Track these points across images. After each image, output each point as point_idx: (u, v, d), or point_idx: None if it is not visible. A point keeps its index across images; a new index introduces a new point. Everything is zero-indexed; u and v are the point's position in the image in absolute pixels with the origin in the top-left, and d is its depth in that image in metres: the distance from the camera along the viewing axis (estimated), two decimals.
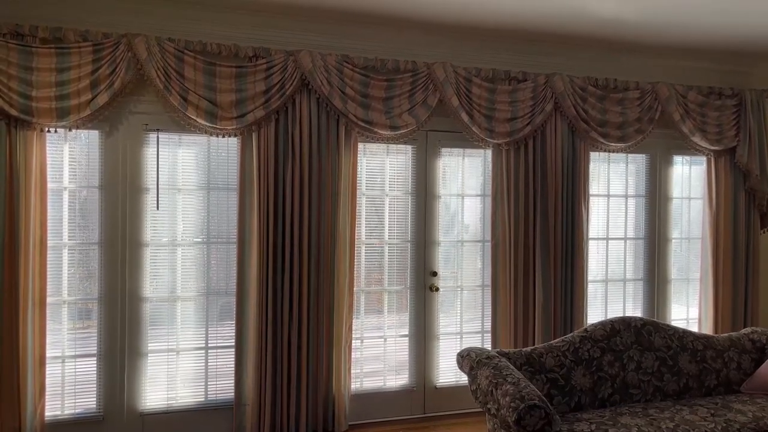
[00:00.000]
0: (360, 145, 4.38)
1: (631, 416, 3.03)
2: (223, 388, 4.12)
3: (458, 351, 3.37)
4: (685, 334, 3.62)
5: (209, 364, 4.11)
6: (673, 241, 5.30)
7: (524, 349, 3.34)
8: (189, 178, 4.06)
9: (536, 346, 3.60)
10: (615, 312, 5.12)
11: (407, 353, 4.57)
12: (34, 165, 3.64)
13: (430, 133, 4.57)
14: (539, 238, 4.65)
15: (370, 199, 4.47)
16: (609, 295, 5.13)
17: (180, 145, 4.05)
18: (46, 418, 3.74)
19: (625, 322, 3.53)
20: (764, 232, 5.35)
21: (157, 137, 3.97)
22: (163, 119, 3.93)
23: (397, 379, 4.54)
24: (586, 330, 3.48)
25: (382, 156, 4.51)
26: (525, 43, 4.64)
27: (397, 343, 4.55)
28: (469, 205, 4.75)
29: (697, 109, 5.06)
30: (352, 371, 4.36)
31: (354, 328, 4.37)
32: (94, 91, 3.69)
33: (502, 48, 4.61)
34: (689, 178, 5.40)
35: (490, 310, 4.65)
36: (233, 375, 4.08)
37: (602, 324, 3.51)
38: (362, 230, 4.43)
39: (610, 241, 5.13)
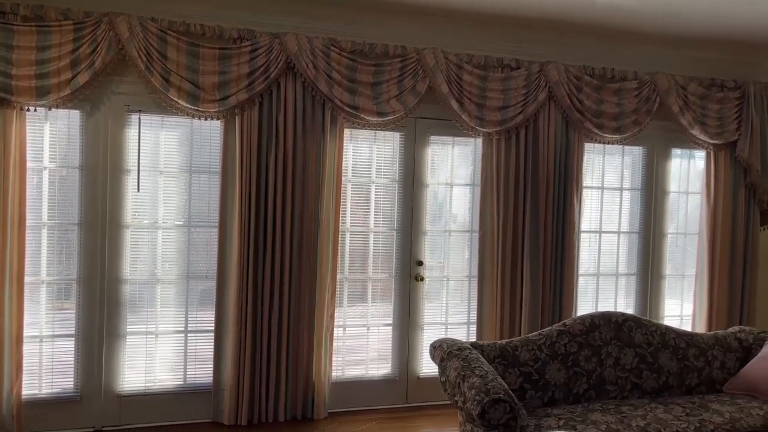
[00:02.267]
0: (347, 131, 4.32)
1: (603, 413, 2.96)
2: (202, 372, 4.10)
3: (431, 342, 3.31)
4: (667, 331, 3.53)
5: (188, 347, 4.10)
6: (669, 236, 5.19)
7: (499, 342, 3.28)
8: (171, 161, 4.03)
9: (512, 339, 3.54)
10: (606, 307, 5.02)
11: (390, 342, 4.53)
12: (13, 143, 3.62)
13: (419, 121, 4.50)
14: (528, 229, 4.57)
15: (356, 186, 4.41)
16: (601, 290, 5.04)
17: (162, 127, 4.01)
18: (23, 397, 3.75)
19: (605, 317, 3.45)
20: (764, 229, 5.22)
21: (139, 118, 3.93)
22: (145, 100, 3.89)
23: (380, 368, 4.50)
24: (564, 324, 3.41)
25: (370, 142, 4.44)
26: (520, 30, 4.53)
27: (381, 332, 4.51)
28: (458, 194, 4.67)
29: (697, 101, 4.92)
30: (334, 359, 4.33)
31: (336, 316, 4.33)
32: (75, 70, 3.65)
33: (496, 35, 4.51)
34: (688, 171, 5.28)
35: (476, 301, 4.59)
36: (212, 359, 4.07)
37: (582, 318, 3.44)
38: (347, 217, 4.38)
39: (603, 235, 5.03)
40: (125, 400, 3.97)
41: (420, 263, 4.55)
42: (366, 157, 4.43)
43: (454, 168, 4.65)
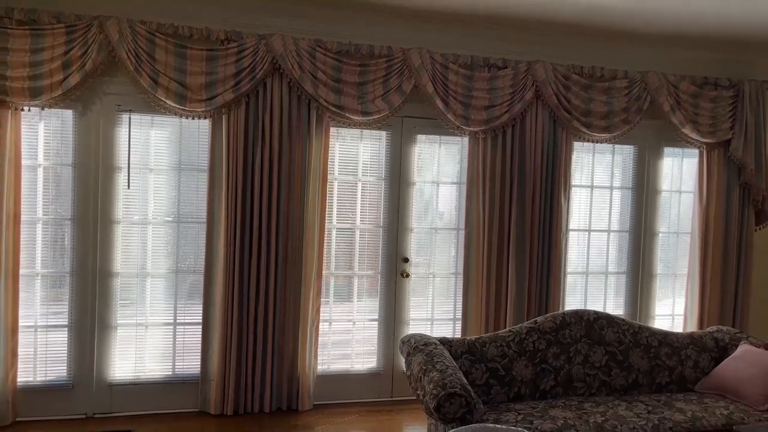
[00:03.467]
0: (333, 130, 4.41)
1: (564, 409, 3.01)
2: (190, 363, 4.24)
3: (401, 337, 3.38)
4: (640, 329, 3.56)
5: (177, 339, 4.24)
6: (661, 235, 5.18)
7: (468, 338, 3.35)
8: (161, 159, 4.16)
9: (482, 335, 3.60)
10: (595, 305, 5.04)
11: (376, 337, 4.61)
12: (8, 142, 3.79)
13: (405, 119, 4.56)
14: (515, 227, 4.61)
15: (342, 184, 4.50)
16: (590, 288, 5.06)
17: (152, 126, 4.14)
18: (18, 384, 3.92)
19: (577, 315, 3.49)
20: (759, 229, 5.18)
21: (129, 118, 4.07)
22: (135, 100, 4.03)
23: (365, 363, 4.59)
24: (535, 321, 3.46)
25: (356, 141, 4.52)
26: (507, 30, 4.56)
27: (366, 327, 4.60)
28: (445, 192, 4.74)
29: (689, 99, 4.90)
30: (320, 353, 4.43)
31: (322, 310, 4.43)
32: (66, 72, 3.80)
33: (483, 35, 4.55)
34: (680, 170, 5.26)
35: (462, 298, 4.65)
36: (200, 351, 4.20)
37: (553, 316, 3.48)
38: (333, 214, 4.47)
39: (592, 233, 5.05)
40: (116, 389, 4.12)
41: (406, 260, 4.62)
42: (352, 155, 4.52)
43: (440, 166, 4.71)
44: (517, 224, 4.62)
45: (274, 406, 4.29)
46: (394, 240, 4.60)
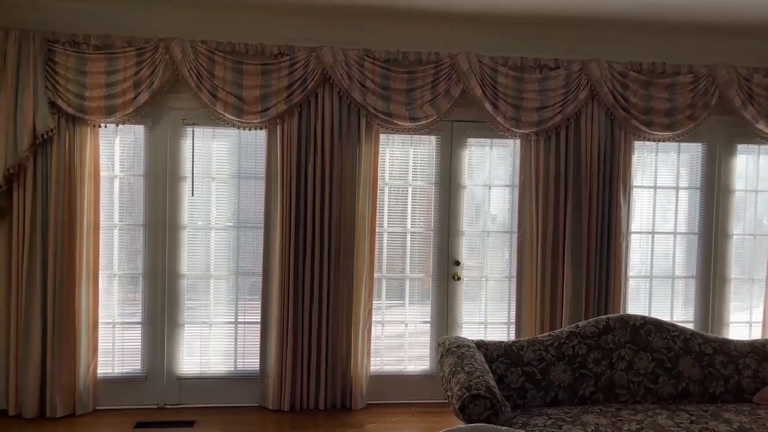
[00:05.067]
0: (383, 136, 4.53)
1: (599, 415, 2.94)
2: (250, 360, 4.49)
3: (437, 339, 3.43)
4: (693, 336, 3.40)
5: (238, 337, 4.50)
6: (735, 237, 4.88)
7: (506, 341, 3.34)
8: (222, 168, 4.46)
9: (519, 338, 3.57)
10: (661, 311, 4.82)
11: (429, 340, 4.67)
12: (88, 156, 4.20)
13: (455, 124, 4.60)
14: (570, 230, 4.53)
15: (393, 189, 4.61)
16: (655, 293, 4.85)
17: (214, 138, 4.44)
18: (98, 375, 4.33)
19: (622, 320, 3.39)
20: None
21: (193, 131, 4.39)
22: (198, 114, 4.33)
23: (418, 365, 4.67)
24: (577, 326, 3.40)
25: (406, 146, 4.62)
26: (559, 29, 4.50)
27: (418, 329, 4.67)
28: (497, 195, 4.73)
29: (763, 93, 4.61)
30: (372, 354, 4.55)
31: (375, 312, 4.55)
32: (137, 91, 4.16)
33: (533, 35, 4.51)
34: (757, 168, 4.93)
35: (515, 301, 4.61)
36: (258, 349, 4.44)
37: (596, 321, 3.40)
38: (384, 219, 4.59)
39: (656, 236, 4.84)
40: (184, 382, 4.44)
41: (457, 263, 4.65)
42: (403, 160, 4.62)
43: (492, 169, 4.71)
44: (573, 227, 4.53)
45: (329, 404, 4.45)
46: (445, 243, 4.64)
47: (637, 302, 4.83)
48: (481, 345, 3.30)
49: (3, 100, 4.00)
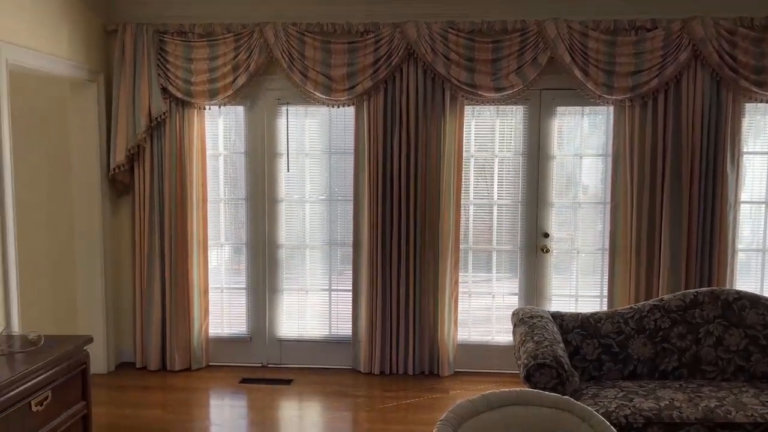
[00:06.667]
0: (468, 108, 4.54)
1: (676, 390, 2.83)
2: (343, 325, 4.75)
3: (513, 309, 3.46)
4: None
5: (332, 304, 4.78)
6: None
7: (583, 313, 3.30)
8: (314, 144, 4.70)
9: (598, 310, 3.49)
10: None
11: None
12: (195, 136, 4.60)
13: (544, 92, 4.50)
14: (668, 200, 4.31)
15: (478, 161, 4.62)
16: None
17: (306, 116, 4.69)
18: (209, 335, 4.80)
19: (712, 295, 3.20)
20: None
21: (287, 110, 4.66)
22: (291, 94, 4.58)
23: (506, 336, 4.68)
24: (661, 299, 3.27)
25: (492, 117, 4.59)
26: None
27: (506, 301, 4.68)
28: (588, 165, 4.58)
29: None
30: (459, 323, 4.64)
31: (461, 282, 4.62)
32: (235, 74, 4.48)
33: None
34: None
35: (608, 275, 4.48)
36: (350, 315, 4.69)
37: (683, 294, 3.25)
38: (470, 190, 4.62)
39: None
40: (284, 344, 4.80)
41: (546, 235, 4.59)
42: (488, 131, 4.60)
43: (583, 138, 4.56)
44: (672, 197, 4.30)
45: (417, 370, 4.62)
46: (533, 215, 4.59)
47: (747, 276, 4.50)
48: (557, 316, 3.28)
49: (123, 89, 4.48)
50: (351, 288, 4.68)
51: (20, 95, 4.07)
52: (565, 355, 2.83)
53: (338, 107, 4.55)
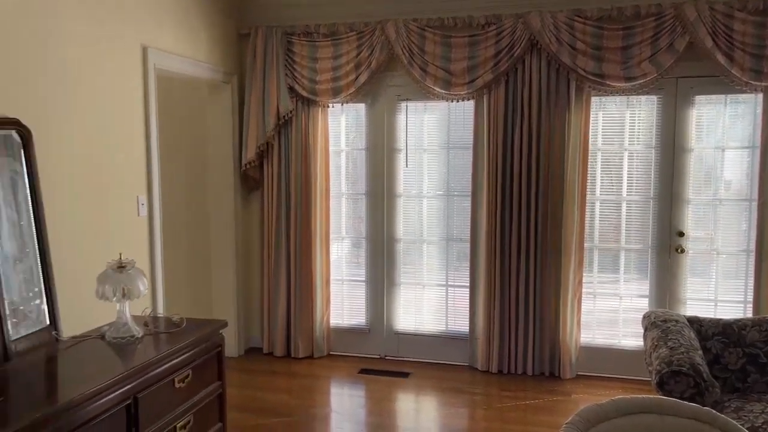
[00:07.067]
0: (595, 99, 4.32)
1: None
2: (460, 321, 4.72)
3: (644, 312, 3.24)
4: None
5: (449, 299, 4.76)
6: None
7: (725, 319, 3.02)
8: (432, 140, 4.70)
9: (742, 317, 3.17)
10: None
11: None
12: (319, 133, 4.77)
13: (680, 80, 4.19)
14: None
15: (606, 154, 4.39)
16: None
17: (425, 111, 4.70)
18: (331, 325, 4.96)
19: None
20: None
21: (406, 106, 4.70)
22: (410, 90, 4.61)
23: (633, 340, 4.42)
24: None
25: (621, 109, 4.35)
26: None
27: (634, 303, 4.42)
28: (732, 158, 4.20)
29: None
30: (582, 325, 4.44)
31: (586, 282, 4.42)
32: (358, 72, 4.59)
33: None
34: None
35: (753, 278, 4.09)
36: (467, 311, 4.65)
37: None
38: (597, 186, 4.40)
39: None
40: (401, 337, 4.86)
41: (681, 234, 4.27)
42: (617, 123, 4.36)
43: (726, 129, 4.19)
44: None
45: (537, 371, 4.49)
46: (667, 212, 4.29)
47: None
48: (693, 321, 3.04)
49: (254, 89, 4.74)
50: (468, 284, 4.64)
51: (165, 97, 4.43)
52: (704, 363, 2.62)
53: (457, 102, 4.52)
